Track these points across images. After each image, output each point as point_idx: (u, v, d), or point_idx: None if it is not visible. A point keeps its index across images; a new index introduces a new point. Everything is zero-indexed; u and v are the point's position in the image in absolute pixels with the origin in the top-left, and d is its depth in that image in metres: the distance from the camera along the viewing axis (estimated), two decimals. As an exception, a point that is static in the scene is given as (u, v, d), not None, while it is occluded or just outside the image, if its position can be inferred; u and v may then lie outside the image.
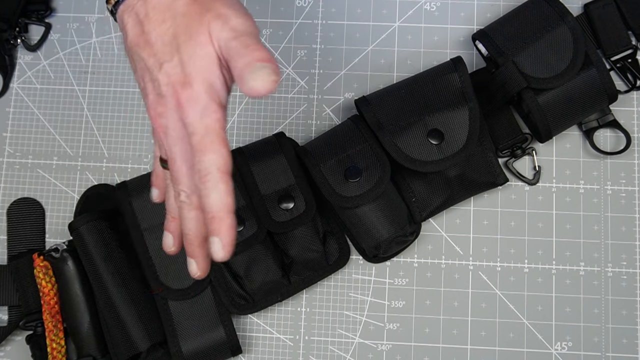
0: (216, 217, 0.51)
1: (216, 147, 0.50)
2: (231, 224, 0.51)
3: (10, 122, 0.79)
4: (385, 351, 0.72)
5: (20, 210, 0.76)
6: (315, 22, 0.79)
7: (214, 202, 0.50)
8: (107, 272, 0.69)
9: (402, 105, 0.70)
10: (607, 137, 0.75)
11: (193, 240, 0.54)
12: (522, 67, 0.69)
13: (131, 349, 0.68)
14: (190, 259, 0.55)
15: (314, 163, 0.69)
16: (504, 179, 0.72)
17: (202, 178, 0.50)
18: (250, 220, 0.69)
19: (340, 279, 0.73)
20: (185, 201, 0.53)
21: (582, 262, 0.72)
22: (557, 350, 0.71)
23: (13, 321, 0.72)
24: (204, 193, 0.51)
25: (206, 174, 0.50)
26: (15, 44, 0.79)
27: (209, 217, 0.51)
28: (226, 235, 0.51)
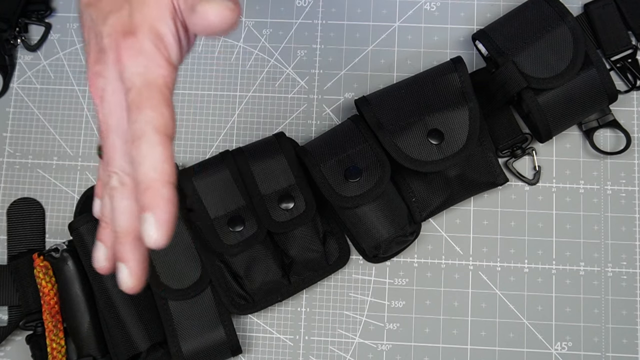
0: (150, 188, 0.41)
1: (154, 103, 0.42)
2: (169, 198, 0.41)
3: (10, 122, 0.79)
4: (385, 351, 0.72)
5: (20, 210, 0.76)
6: (315, 22, 0.79)
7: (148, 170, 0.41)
8: (107, 272, 0.69)
9: (402, 105, 0.70)
10: (607, 137, 0.75)
11: (124, 239, 0.44)
12: (522, 67, 0.69)
13: (131, 349, 0.68)
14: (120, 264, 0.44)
15: (314, 163, 0.69)
16: (504, 179, 0.72)
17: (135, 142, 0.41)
18: (250, 220, 0.69)
19: (340, 279, 0.73)
20: (116, 186, 0.44)
21: (582, 262, 0.72)
22: (557, 350, 0.71)
23: (13, 321, 0.72)
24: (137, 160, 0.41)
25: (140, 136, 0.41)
26: (15, 44, 0.80)
27: (142, 189, 0.41)
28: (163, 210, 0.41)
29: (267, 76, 0.78)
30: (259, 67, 0.78)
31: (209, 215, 0.68)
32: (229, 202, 0.69)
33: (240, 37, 0.79)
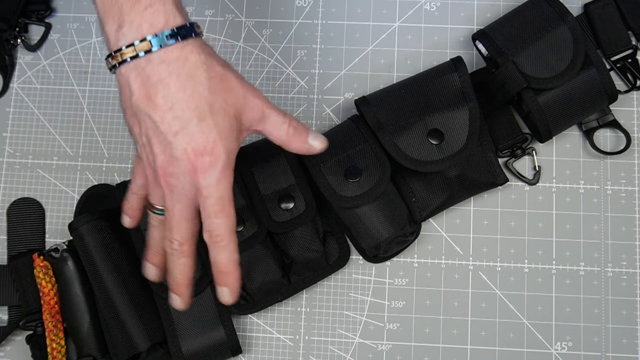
0: (226, 272, 0.58)
1: (227, 211, 0.56)
2: (238, 276, 0.58)
3: (10, 122, 0.79)
4: (385, 351, 0.72)
5: (20, 210, 0.76)
6: (315, 22, 0.79)
7: (224, 260, 0.57)
8: (107, 272, 0.69)
9: (402, 105, 0.70)
10: (607, 137, 0.75)
11: (180, 282, 0.59)
12: (522, 67, 0.69)
13: (131, 349, 0.68)
14: (173, 294, 0.60)
15: (314, 163, 0.69)
16: (504, 179, 0.72)
17: (213, 238, 0.57)
18: (250, 220, 0.69)
19: (340, 279, 0.73)
20: (177, 249, 0.58)
21: (582, 262, 0.72)
22: (557, 350, 0.71)
23: (13, 321, 0.72)
24: (215, 251, 0.57)
25: (218, 235, 0.56)
26: (15, 44, 0.80)
27: (220, 271, 0.58)
28: (235, 286, 0.58)
29: (267, 76, 0.78)
30: (259, 67, 0.78)
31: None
32: (229, 202, 0.69)
33: (240, 37, 0.79)
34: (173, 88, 0.54)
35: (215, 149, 0.55)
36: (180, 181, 0.55)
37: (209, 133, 0.55)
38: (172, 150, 0.55)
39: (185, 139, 0.54)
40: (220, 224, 0.56)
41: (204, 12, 0.80)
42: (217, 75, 0.56)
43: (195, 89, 0.54)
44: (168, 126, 0.54)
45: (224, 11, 0.80)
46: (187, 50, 0.55)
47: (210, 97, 0.55)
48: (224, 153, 0.55)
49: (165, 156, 0.55)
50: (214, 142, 0.55)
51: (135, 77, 0.55)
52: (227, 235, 0.57)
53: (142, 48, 0.54)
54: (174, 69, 0.54)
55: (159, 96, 0.54)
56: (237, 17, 0.80)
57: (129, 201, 0.64)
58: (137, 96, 0.55)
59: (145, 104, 0.55)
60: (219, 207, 0.56)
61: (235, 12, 0.80)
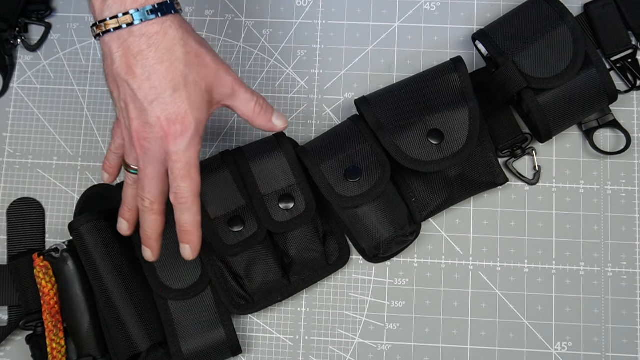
0: (188, 231, 0.62)
1: (193, 176, 0.60)
2: (199, 236, 0.63)
3: (10, 122, 0.79)
4: (385, 351, 0.72)
5: (20, 210, 0.76)
6: (315, 22, 0.79)
7: (187, 220, 0.62)
8: (107, 272, 0.69)
9: (402, 105, 0.70)
10: (607, 137, 0.75)
11: (151, 236, 0.64)
12: (522, 67, 0.69)
13: (131, 349, 0.68)
14: (145, 247, 0.65)
15: (314, 163, 0.69)
16: (504, 179, 0.72)
17: (178, 200, 0.61)
18: (250, 220, 0.69)
19: (340, 279, 0.73)
20: (148, 207, 0.63)
21: (582, 262, 0.72)
22: (557, 350, 0.71)
23: (13, 321, 0.72)
24: (179, 211, 0.61)
25: (182, 197, 0.61)
26: (15, 44, 0.80)
27: (183, 230, 0.62)
28: (196, 244, 0.63)
29: (267, 76, 0.78)
30: (259, 67, 0.78)
31: (209, 215, 0.68)
32: (229, 202, 0.69)
33: (240, 37, 0.79)
34: (152, 60, 0.58)
35: (186, 118, 0.59)
36: (152, 145, 0.60)
37: (181, 103, 0.59)
38: (147, 117, 0.59)
39: (159, 107, 0.59)
40: (186, 187, 0.60)
41: (204, 12, 0.80)
42: (192, 50, 0.60)
43: (172, 62, 0.59)
44: (144, 94, 0.59)
45: (224, 11, 0.80)
46: (167, 26, 0.59)
47: (185, 71, 0.59)
48: (193, 122, 0.59)
49: (140, 122, 0.60)
50: (185, 113, 0.59)
51: (117, 47, 0.59)
52: (191, 198, 0.61)
53: (124, 21, 0.58)
54: (154, 42, 0.58)
55: (138, 66, 0.58)
56: (237, 17, 0.80)
57: (108, 159, 0.69)
58: (118, 64, 0.59)
59: (126, 72, 0.59)
60: (185, 171, 0.60)
61: (235, 12, 0.80)
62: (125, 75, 0.59)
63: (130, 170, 0.64)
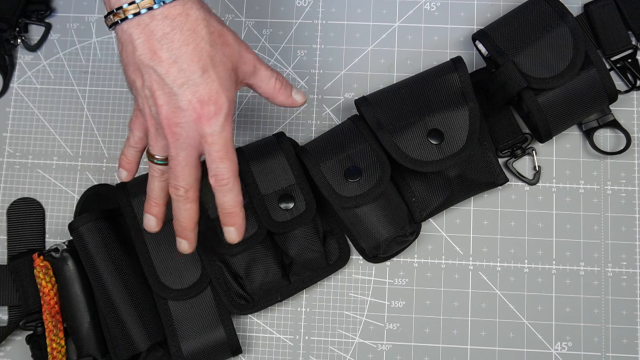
0: (232, 213, 0.61)
1: (231, 156, 0.60)
2: (244, 217, 0.62)
3: (10, 122, 0.79)
4: (385, 351, 0.72)
5: (20, 210, 0.76)
6: (315, 22, 0.79)
7: (231, 201, 0.61)
8: (107, 272, 0.69)
9: (402, 105, 0.70)
10: (607, 137, 0.75)
11: (187, 226, 0.62)
12: (522, 67, 0.69)
13: (131, 349, 0.68)
14: (181, 239, 0.63)
15: (314, 163, 0.69)
16: (504, 179, 0.72)
17: (219, 182, 0.60)
18: (250, 220, 0.69)
19: (340, 279, 0.73)
20: (182, 195, 0.61)
21: (582, 262, 0.72)
22: (557, 350, 0.71)
23: (13, 321, 0.72)
24: (221, 193, 0.60)
25: (223, 178, 0.60)
26: (15, 44, 0.80)
27: (226, 213, 0.61)
28: (241, 225, 0.62)
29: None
30: (259, 67, 0.78)
31: (209, 215, 0.68)
32: (229, 202, 0.69)
33: (240, 37, 0.79)
34: (177, 42, 0.57)
35: (219, 98, 0.58)
36: (185, 130, 0.58)
37: (212, 84, 0.58)
38: (177, 101, 0.58)
39: (190, 90, 0.58)
40: (226, 168, 0.59)
41: (204, 12, 0.80)
42: (216, 30, 0.59)
43: (197, 43, 0.58)
44: (173, 78, 0.57)
45: (224, 11, 0.80)
46: (188, 7, 0.58)
47: (211, 51, 0.58)
48: (226, 102, 0.59)
49: (170, 107, 0.58)
50: (217, 93, 0.58)
51: (139, 33, 0.57)
52: (232, 179, 0.60)
53: (144, 5, 0.57)
54: (177, 25, 0.57)
55: (164, 50, 0.57)
56: (237, 17, 0.80)
57: (126, 155, 0.66)
58: (142, 51, 0.58)
59: (150, 58, 0.57)
60: (223, 152, 0.59)
61: (235, 12, 0.80)
62: (149, 60, 0.57)
63: (155, 161, 0.62)
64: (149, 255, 0.69)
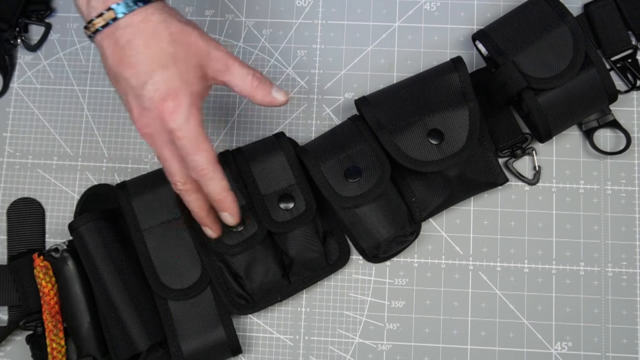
0: (220, 199, 0.63)
1: (203, 146, 0.60)
2: (233, 198, 0.64)
3: (10, 122, 0.79)
4: (385, 351, 0.72)
5: (20, 210, 0.76)
6: (315, 22, 0.79)
7: (216, 189, 0.62)
8: (107, 272, 0.69)
9: (402, 105, 0.70)
10: (607, 137, 0.75)
11: (200, 214, 0.65)
12: (522, 67, 0.69)
13: (131, 349, 0.68)
14: (204, 227, 0.66)
15: (314, 163, 0.69)
16: (504, 179, 0.72)
17: (199, 173, 0.61)
18: (250, 220, 0.69)
19: (340, 279, 0.73)
20: (182, 189, 0.63)
21: (582, 262, 0.72)
22: (557, 350, 0.71)
23: (13, 321, 0.72)
24: (204, 183, 0.62)
25: (202, 169, 0.61)
26: (15, 44, 0.80)
27: (214, 200, 0.63)
28: (233, 207, 0.64)
29: (267, 76, 0.78)
30: (259, 67, 0.78)
31: (209, 215, 0.68)
32: (229, 202, 0.69)
33: (240, 37, 0.79)
34: (139, 47, 0.59)
35: (178, 93, 0.59)
36: (155, 129, 0.60)
37: (172, 80, 0.59)
38: (142, 102, 0.60)
39: (151, 88, 0.59)
40: (201, 159, 0.60)
41: (204, 12, 0.80)
42: (177, 30, 0.61)
43: (157, 44, 0.60)
44: (137, 81, 0.59)
45: (224, 11, 0.80)
46: (149, 12, 0.60)
47: (171, 49, 0.60)
48: (187, 96, 0.60)
49: (138, 109, 0.61)
50: (176, 88, 0.59)
51: (108, 44, 0.60)
52: (211, 167, 0.61)
53: (109, 17, 0.60)
54: (139, 31, 0.60)
55: (128, 56, 0.60)
56: (237, 17, 0.80)
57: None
58: (112, 60, 0.60)
59: (118, 65, 0.60)
60: (194, 144, 0.60)
61: (235, 12, 0.80)
62: (117, 67, 0.60)
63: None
64: (149, 255, 0.70)
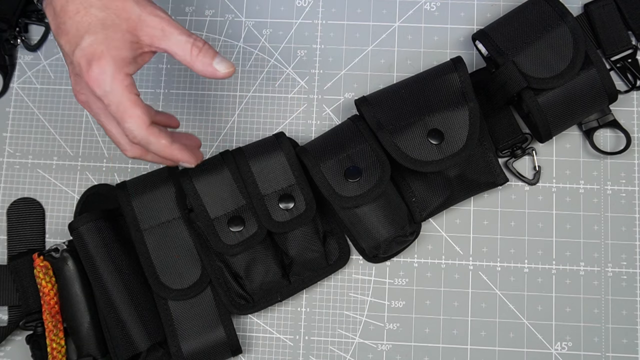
0: (166, 156, 0.62)
1: (131, 112, 0.59)
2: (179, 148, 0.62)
3: (10, 122, 0.79)
4: (385, 351, 0.72)
5: (20, 210, 0.76)
6: (315, 22, 0.79)
7: (158, 150, 0.61)
8: (107, 272, 0.69)
9: (402, 105, 0.70)
10: (607, 137, 0.75)
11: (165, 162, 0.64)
12: (522, 67, 0.69)
13: (131, 349, 0.68)
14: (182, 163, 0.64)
15: (314, 163, 0.69)
16: (504, 179, 0.72)
17: (133, 140, 0.60)
18: (250, 220, 0.69)
19: (340, 279, 0.73)
20: (131, 156, 0.63)
21: (582, 262, 0.72)
22: (557, 350, 0.71)
23: (13, 321, 0.72)
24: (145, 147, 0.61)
25: (133, 137, 0.60)
26: (15, 44, 0.80)
27: (163, 159, 0.63)
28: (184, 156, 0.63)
29: (267, 76, 0.78)
30: (259, 67, 0.78)
31: (209, 215, 0.68)
32: (229, 202, 0.69)
33: (240, 37, 0.79)
34: (71, 13, 0.59)
35: (102, 58, 0.58)
36: (88, 97, 0.60)
37: (98, 45, 0.58)
38: (74, 68, 0.60)
39: (79, 53, 0.59)
40: (131, 126, 0.59)
41: (204, 12, 0.80)
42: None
43: (87, 10, 0.59)
44: (69, 47, 0.60)
45: (224, 11, 0.80)
46: None
47: (100, 15, 0.59)
48: (111, 61, 0.58)
49: (73, 76, 0.61)
50: (101, 52, 0.58)
51: (49, 12, 0.61)
52: (143, 132, 0.59)
53: None
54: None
55: (61, 22, 0.60)
56: (237, 17, 0.80)
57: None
58: (54, 29, 0.61)
59: (56, 32, 0.61)
60: (121, 111, 0.59)
61: (235, 12, 0.80)
62: (56, 35, 0.61)
63: None
64: (149, 255, 0.70)
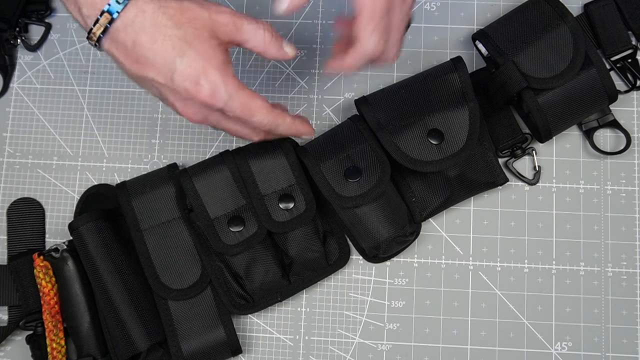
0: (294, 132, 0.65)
1: (254, 106, 0.60)
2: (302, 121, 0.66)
3: (10, 122, 0.79)
4: (385, 351, 0.72)
5: (20, 210, 0.76)
6: (315, 22, 0.79)
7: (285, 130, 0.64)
8: (107, 272, 0.69)
9: (402, 105, 0.70)
10: (607, 137, 0.75)
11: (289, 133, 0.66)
12: (522, 67, 0.69)
13: (131, 349, 0.68)
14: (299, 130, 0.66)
15: (314, 163, 0.69)
16: (504, 179, 0.72)
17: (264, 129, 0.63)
18: (250, 220, 0.69)
19: (340, 279, 0.73)
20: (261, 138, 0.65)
21: (582, 262, 0.72)
22: (557, 350, 0.71)
23: (13, 321, 0.72)
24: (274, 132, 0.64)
25: (264, 126, 0.62)
26: (15, 44, 0.80)
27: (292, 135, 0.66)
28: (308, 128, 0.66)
29: (267, 76, 0.78)
30: (259, 67, 0.78)
31: (209, 215, 0.68)
32: (229, 202, 0.69)
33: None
34: (148, 44, 0.57)
35: (207, 73, 0.58)
36: (204, 113, 0.60)
37: (195, 62, 0.58)
38: (180, 94, 0.59)
39: (180, 78, 0.58)
40: (259, 119, 0.61)
41: (204, 12, 0.80)
42: (175, 11, 0.58)
43: (164, 34, 0.57)
44: (163, 77, 0.58)
45: (224, 11, 0.80)
46: (140, 4, 0.58)
47: (179, 33, 0.58)
48: (216, 72, 0.58)
49: (179, 102, 0.60)
50: (203, 68, 0.58)
51: (116, 50, 0.59)
52: (272, 119, 0.62)
53: (105, 20, 0.58)
54: (138, 27, 0.57)
55: (141, 56, 0.58)
56: (237, 17, 0.80)
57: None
58: (128, 65, 0.59)
59: (137, 68, 0.59)
60: (246, 111, 0.60)
61: (235, 12, 0.80)
62: (138, 71, 0.59)
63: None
64: (149, 255, 0.70)
